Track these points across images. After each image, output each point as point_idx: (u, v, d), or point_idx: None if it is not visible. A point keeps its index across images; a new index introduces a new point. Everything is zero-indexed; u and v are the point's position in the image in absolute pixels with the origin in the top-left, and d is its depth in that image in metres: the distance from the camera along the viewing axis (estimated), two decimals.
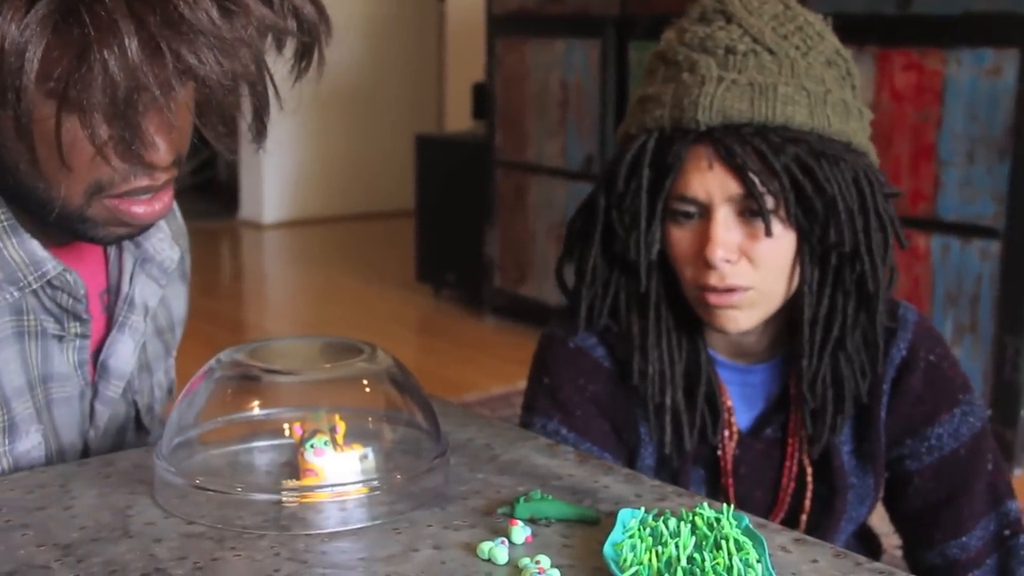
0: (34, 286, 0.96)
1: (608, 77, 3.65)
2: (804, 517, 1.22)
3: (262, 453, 0.93)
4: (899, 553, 1.32)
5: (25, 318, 0.97)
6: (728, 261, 1.08)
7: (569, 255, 1.22)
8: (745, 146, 1.06)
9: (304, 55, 0.88)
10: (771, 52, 1.10)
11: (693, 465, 1.21)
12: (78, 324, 1.00)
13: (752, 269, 1.10)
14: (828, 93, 1.09)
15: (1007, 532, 1.20)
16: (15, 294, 0.95)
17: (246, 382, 0.92)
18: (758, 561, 0.75)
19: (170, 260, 1.09)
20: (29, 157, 0.86)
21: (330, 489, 0.85)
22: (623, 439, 1.21)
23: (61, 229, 0.94)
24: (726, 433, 1.20)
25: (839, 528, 1.23)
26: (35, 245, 0.95)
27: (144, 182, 0.89)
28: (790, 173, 1.07)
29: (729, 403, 1.20)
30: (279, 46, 0.87)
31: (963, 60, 2.72)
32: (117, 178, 0.88)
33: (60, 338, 1.00)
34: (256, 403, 0.93)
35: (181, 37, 0.78)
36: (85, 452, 1.05)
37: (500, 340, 4.06)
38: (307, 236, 6.23)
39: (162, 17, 0.77)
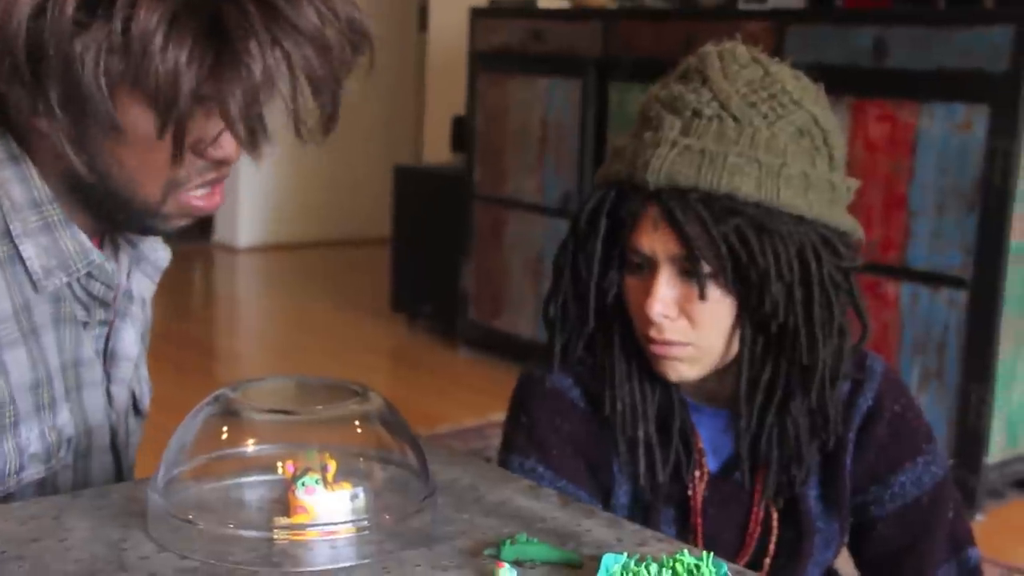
0: (82, 273, 1.03)
1: (588, 116, 3.70)
2: (768, 560, 1.25)
3: (254, 489, 0.95)
4: None
5: (62, 305, 1.04)
6: (667, 317, 1.12)
7: (554, 294, 1.25)
8: (688, 211, 1.09)
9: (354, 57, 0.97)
10: (735, 119, 1.11)
11: (664, 504, 1.23)
12: (103, 311, 1.09)
13: (690, 327, 1.13)
14: (784, 166, 1.10)
15: None
16: (64, 279, 1.02)
17: (241, 420, 0.94)
18: None
19: (163, 259, 1.17)
20: (121, 163, 0.96)
21: (321, 528, 0.87)
22: (598, 478, 1.24)
23: (130, 226, 1.04)
24: (697, 473, 1.23)
25: (805, 572, 1.26)
26: (84, 237, 1.03)
27: (211, 176, 0.99)
28: (728, 242, 1.09)
29: (700, 444, 1.23)
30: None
31: (935, 114, 2.79)
32: (193, 174, 0.97)
33: (85, 324, 1.07)
34: (250, 440, 0.95)
35: (301, 44, 0.89)
36: (113, 434, 1.13)
37: (474, 373, 4.08)
38: (281, 261, 6.23)
39: (285, 25, 0.88)
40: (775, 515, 1.23)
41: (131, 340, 1.14)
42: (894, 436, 1.22)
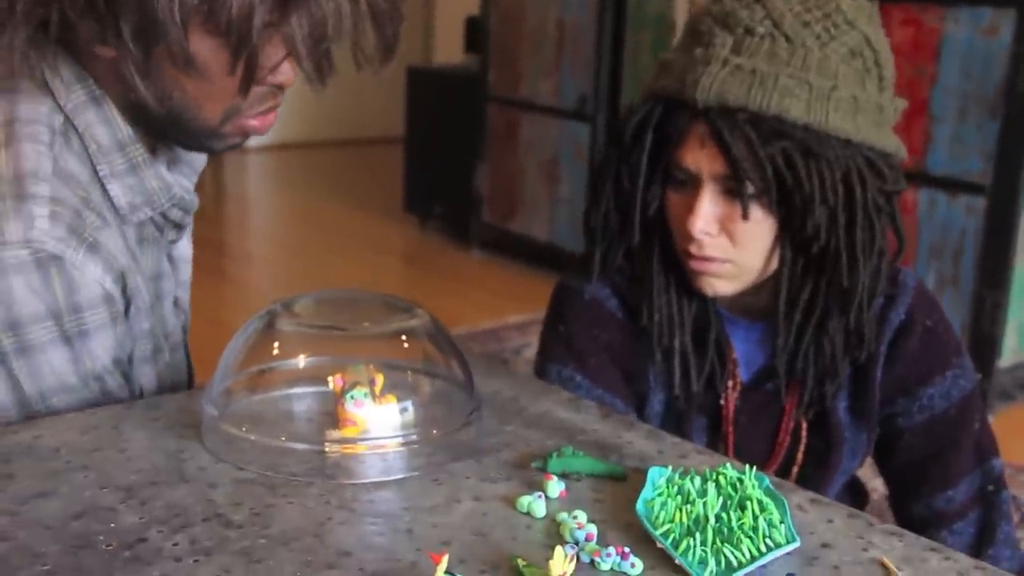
0: (166, 207, 1.07)
1: (605, 17, 3.65)
2: (796, 469, 1.28)
3: (303, 401, 0.97)
4: (879, 496, 1.38)
5: (143, 228, 1.08)
6: (708, 234, 1.13)
7: (595, 204, 1.26)
8: (735, 131, 1.09)
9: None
10: (787, 39, 1.10)
11: (697, 413, 1.26)
12: (175, 232, 1.13)
13: (730, 244, 1.14)
14: (834, 89, 1.10)
15: (991, 487, 1.26)
16: (148, 214, 1.06)
17: (291, 334, 0.96)
18: (781, 522, 0.80)
19: (200, 161, 1.20)
20: (184, 89, 0.97)
21: (371, 441, 0.89)
22: (633, 387, 1.26)
23: (186, 144, 1.07)
24: (730, 383, 1.25)
25: (833, 480, 1.29)
26: (166, 172, 1.07)
27: (270, 102, 1.02)
28: (774, 164, 1.09)
29: (734, 355, 1.25)
30: None
31: (961, 18, 2.75)
32: (254, 100, 1.00)
33: (157, 243, 1.12)
34: (300, 354, 0.97)
35: None
36: (183, 332, 1.20)
37: (488, 274, 4.10)
38: (292, 160, 6.21)
39: None
40: (804, 425, 1.26)
41: (186, 243, 1.20)
42: (924, 350, 1.24)
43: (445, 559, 0.69)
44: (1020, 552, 1.27)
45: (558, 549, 0.71)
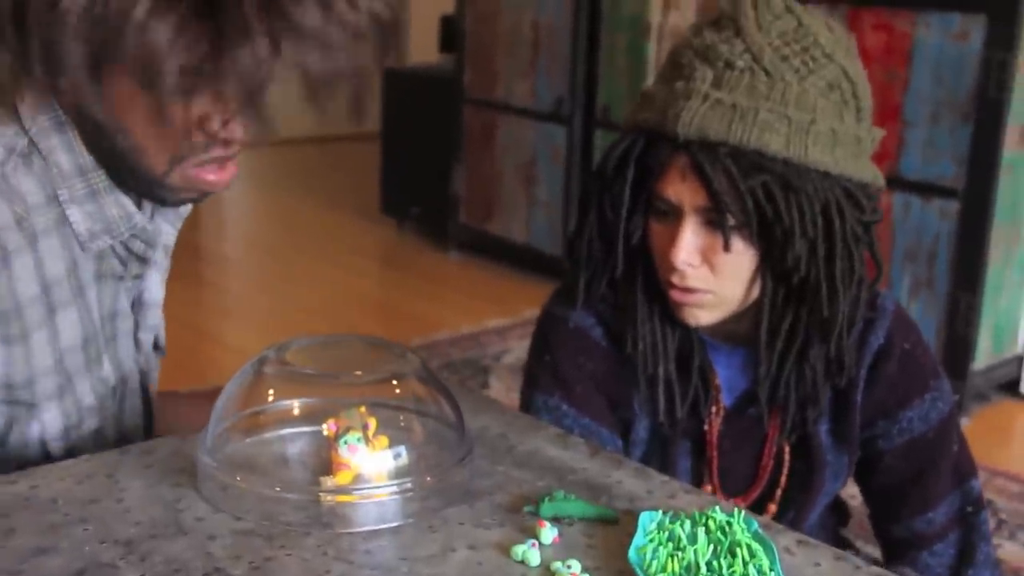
0: (125, 236, 1.06)
1: (581, 18, 3.66)
2: (779, 492, 1.30)
3: (297, 445, 0.98)
4: (858, 503, 1.40)
5: (103, 262, 1.07)
6: (690, 265, 1.15)
7: (579, 233, 1.27)
8: (716, 164, 1.10)
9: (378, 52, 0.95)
10: (767, 73, 1.12)
11: (681, 438, 1.28)
12: (138, 267, 1.11)
13: (711, 275, 1.16)
14: (813, 123, 1.11)
15: (969, 508, 1.28)
16: (108, 242, 1.05)
17: (284, 380, 0.97)
18: (771, 569, 0.82)
19: (185, 208, 1.18)
20: (127, 131, 0.96)
21: (365, 490, 0.90)
22: (619, 414, 1.28)
23: (139, 192, 1.05)
24: (713, 408, 1.27)
25: (816, 502, 1.31)
26: (127, 201, 1.05)
27: (219, 152, 0.99)
28: (754, 197, 1.11)
29: (717, 380, 1.27)
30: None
31: (932, 23, 2.78)
32: (200, 149, 0.98)
33: (120, 278, 1.10)
34: (293, 399, 0.98)
35: (297, 38, 0.86)
36: (142, 377, 1.17)
37: (466, 276, 4.11)
38: (265, 159, 6.19)
39: (281, 20, 0.85)
40: (787, 449, 1.28)
41: (156, 287, 1.17)
42: (903, 373, 1.26)
43: None
44: (999, 573, 1.30)
45: None
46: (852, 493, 1.48)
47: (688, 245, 1.14)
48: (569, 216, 3.84)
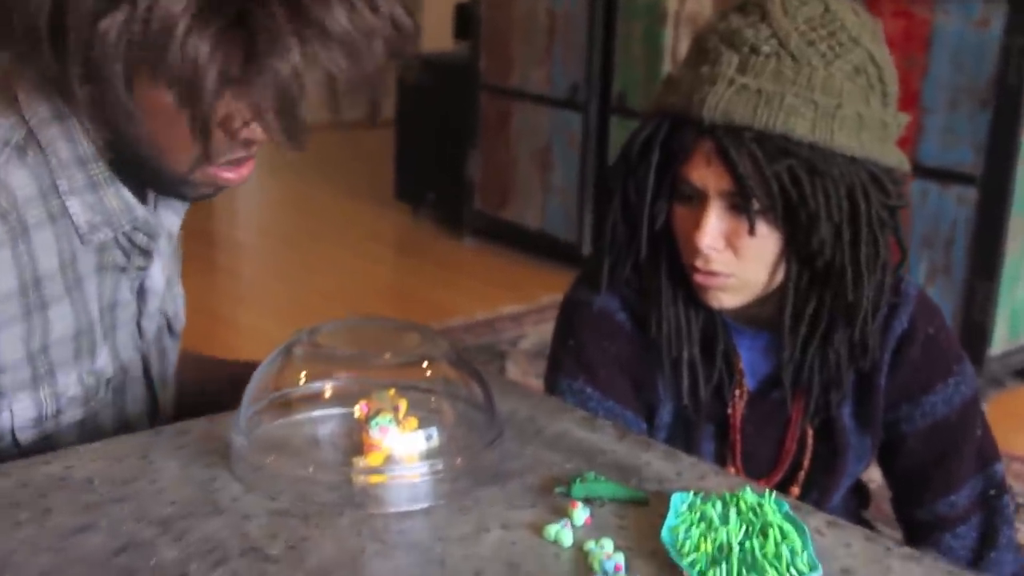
0: (126, 228, 1.05)
1: (596, 8, 3.65)
2: (802, 475, 1.30)
3: (329, 428, 0.99)
4: (876, 486, 1.40)
5: (105, 254, 1.06)
6: (714, 249, 1.15)
7: (604, 217, 1.27)
8: (741, 149, 1.10)
9: (396, 55, 0.95)
10: (793, 58, 1.12)
11: (705, 422, 1.28)
12: (142, 258, 1.10)
13: (735, 259, 1.16)
14: (839, 107, 1.11)
15: (992, 492, 1.28)
16: (109, 235, 1.04)
17: (315, 362, 0.98)
18: (803, 549, 0.83)
19: None
20: (152, 135, 0.96)
21: (397, 471, 0.91)
22: (642, 397, 1.28)
23: (159, 189, 1.05)
24: (736, 392, 1.27)
25: (839, 485, 1.32)
26: (127, 193, 1.04)
27: (241, 153, 1.00)
28: (780, 182, 1.11)
29: (740, 364, 1.28)
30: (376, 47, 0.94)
31: (951, 10, 2.77)
32: (222, 150, 0.97)
33: (123, 270, 1.09)
34: (325, 381, 0.99)
35: (325, 43, 0.87)
36: (145, 364, 1.16)
37: (480, 262, 4.11)
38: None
39: (314, 28, 0.87)
40: (811, 433, 1.28)
41: (158, 276, 1.16)
42: (926, 357, 1.26)
43: None
44: (1021, 556, 1.30)
45: None
46: (871, 476, 1.48)
47: (713, 229, 1.14)
48: (584, 203, 3.84)
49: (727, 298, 1.19)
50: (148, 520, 0.86)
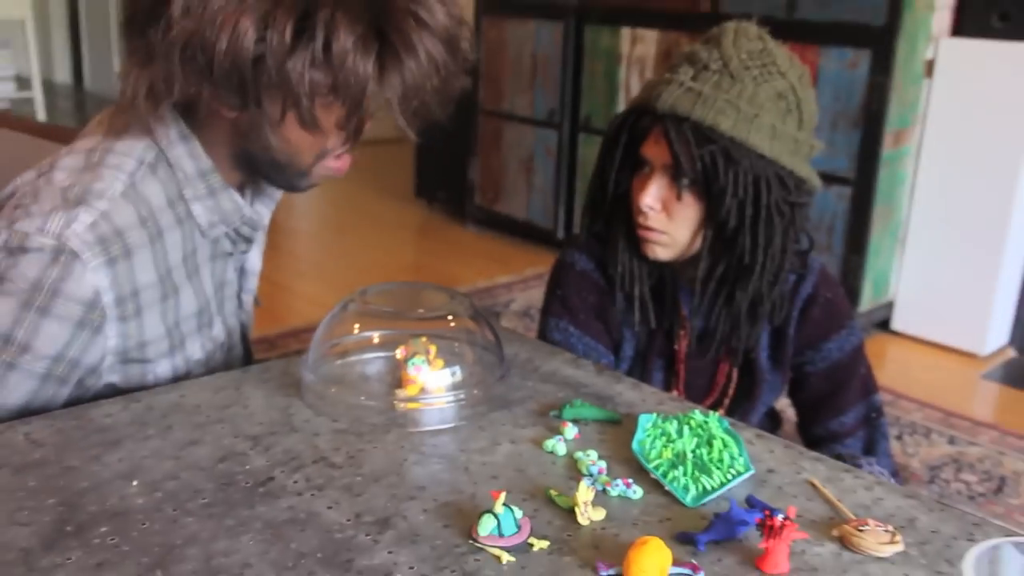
0: (238, 224, 1.01)
1: (568, 51, 3.61)
2: (727, 401, 1.29)
3: (376, 367, 0.97)
4: (789, 423, 1.40)
5: (218, 244, 1.03)
6: (652, 208, 1.14)
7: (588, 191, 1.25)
8: (680, 134, 1.10)
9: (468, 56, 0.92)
10: (731, 76, 1.11)
11: (657, 356, 1.27)
12: (245, 245, 1.07)
13: (667, 220, 1.14)
14: (757, 117, 1.10)
15: (873, 415, 1.27)
16: (224, 230, 1.01)
17: (366, 315, 0.95)
18: (740, 455, 0.81)
19: (278, 193, 1.14)
20: (287, 140, 0.92)
21: (430, 399, 0.89)
22: (611, 336, 1.27)
23: (278, 183, 1.00)
24: (681, 332, 1.25)
25: (756, 410, 1.30)
26: (237, 196, 1.00)
27: (349, 145, 0.96)
28: (703, 161, 1.10)
29: (683, 312, 1.26)
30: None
31: (832, 55, 2.74)
32: (338, 145, 0.94)
33: (230, 255, 1.06)
34: (373, 330, 0.97)
35: (437, 43, 0.84)
36: (243, 329, 1.13)
37: (479, 244, 4.07)
38: None
39: (428, 29, 0.83)
40: (735, 370, 1.26)
41: (256, 258, 1.14)
42: (825, 315, 1.25)
43: (503, 495, 0.69)
44: (892, 461, 1.30)
45: (583, 482, 0.71)
46: (788, 416, 1.47)
47: (653, 192, 1.13)
48: (559, 199, 3.81)
49: (661, 251, 1.17)
50: (242, 436, 0.83)
